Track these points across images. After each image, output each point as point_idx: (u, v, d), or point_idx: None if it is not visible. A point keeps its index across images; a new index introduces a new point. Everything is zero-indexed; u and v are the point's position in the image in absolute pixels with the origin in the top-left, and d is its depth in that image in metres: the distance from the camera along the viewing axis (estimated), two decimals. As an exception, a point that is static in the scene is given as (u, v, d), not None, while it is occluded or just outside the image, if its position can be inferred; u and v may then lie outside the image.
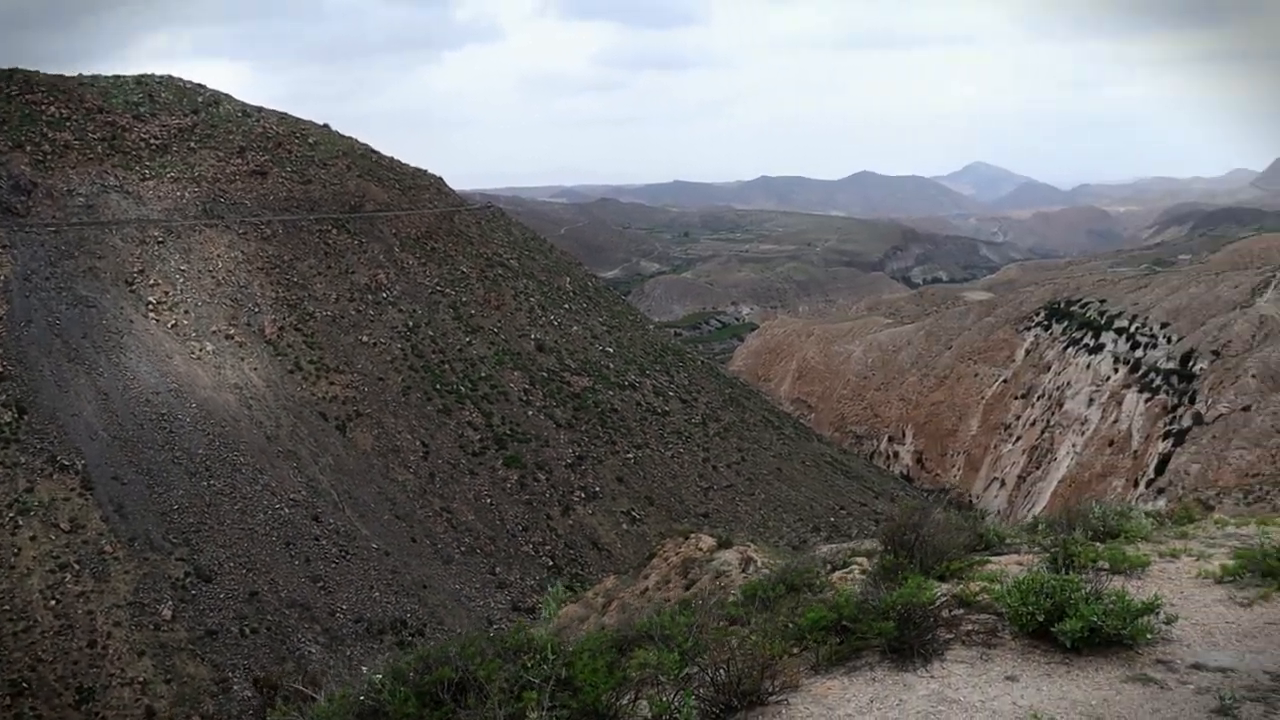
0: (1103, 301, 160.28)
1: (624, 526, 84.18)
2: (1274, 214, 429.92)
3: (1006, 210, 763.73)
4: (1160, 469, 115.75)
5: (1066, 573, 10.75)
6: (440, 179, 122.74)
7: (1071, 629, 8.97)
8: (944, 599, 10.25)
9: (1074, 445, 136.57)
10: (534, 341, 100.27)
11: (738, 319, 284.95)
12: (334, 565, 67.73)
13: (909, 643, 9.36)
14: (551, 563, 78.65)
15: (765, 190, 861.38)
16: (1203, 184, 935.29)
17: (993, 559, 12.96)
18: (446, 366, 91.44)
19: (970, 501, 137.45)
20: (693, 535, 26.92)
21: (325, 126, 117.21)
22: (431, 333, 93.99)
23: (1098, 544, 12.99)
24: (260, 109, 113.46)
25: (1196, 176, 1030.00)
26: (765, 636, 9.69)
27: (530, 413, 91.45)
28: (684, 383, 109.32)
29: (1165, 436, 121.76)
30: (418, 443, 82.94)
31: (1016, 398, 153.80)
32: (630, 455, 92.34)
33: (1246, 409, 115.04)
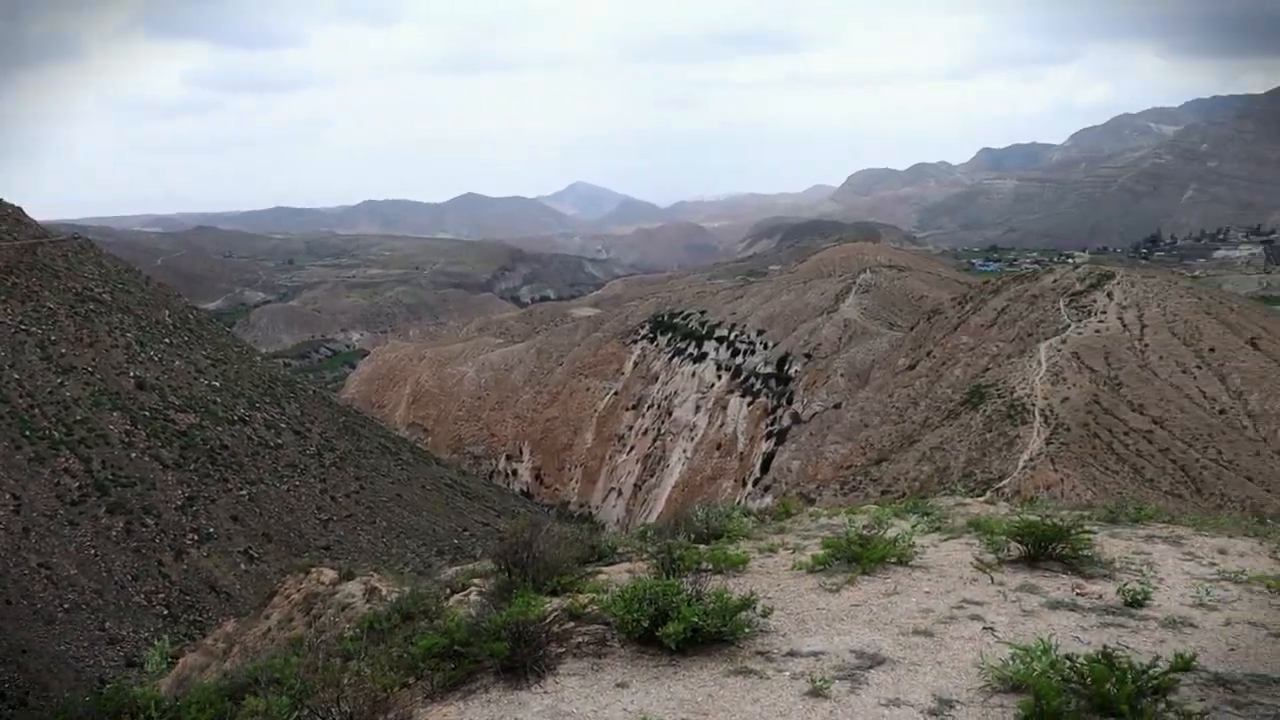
0: (703, 312, 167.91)
1: (242, 567, 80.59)
2: (852, 225, 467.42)
3: (609, 228, 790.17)
4: (765, 468, 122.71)
5: (672, 576, 11.11)
6: (19, 209, 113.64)
7: (675, 631, 9.27)
8: (555, 614, 10.35)
9: (685, 451, 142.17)
10: (133, 379, 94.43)
11: (348, 346, 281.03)
12: (-89, 639, 61.11)
13: (522, 661, 9.37)
14: (167, 611, 74.13)
15: (370, 214, 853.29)
16: (789, 199, 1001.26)
17: (605, 569, 13.21)
18: (36, 411, 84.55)
19: (590, 513, 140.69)
20: (314, 570, 26.04)
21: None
22: (17, 375, 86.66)
23: (701, 546, 13.50)
24: None
25: (783, 192, 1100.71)
26: (378, 669, 9.46)
27: (134, 455, 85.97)
28: (296, 414, 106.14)
29: (768, 437, 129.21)
30: (7, 495, 76.19)
31: (628, 409, 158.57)
32: (244, 492, 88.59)
33: (838, 406, 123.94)
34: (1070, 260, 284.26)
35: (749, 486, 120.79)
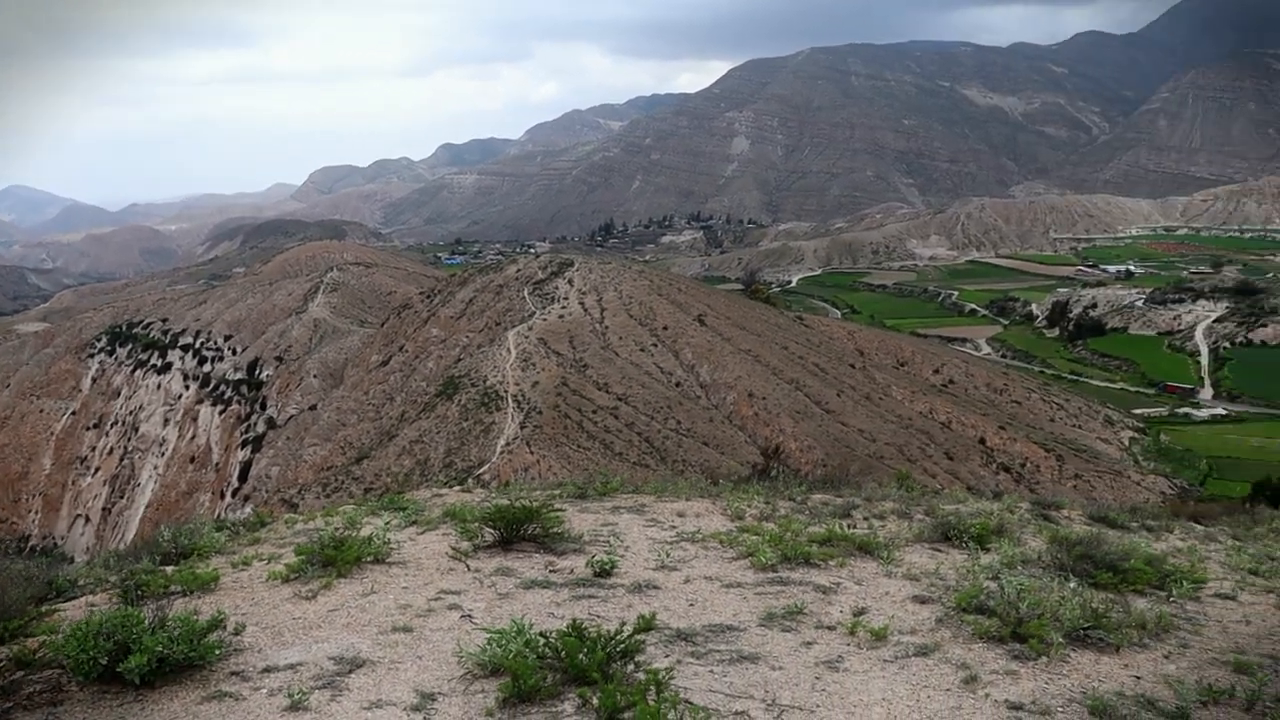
0: (165, 320, 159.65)
1: None
2: (316, 224, 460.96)
3: (54, 235, 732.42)
4: (244, 477, 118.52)
5: (135, 604, 10.37)
6: None
7: (137, 664, 8.62)
8: (2, 664, 9.33)
9: (156, 468, 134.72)
10: None
11: None
12: None
13: (-36, 723, 8.38)
14: None
15: None
16: (249, 199, 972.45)
17: (63, 607, 12.11)
18: None
19: (55, 545, 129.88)
20: None
21: None
22: None
23: (169, 568, 12.72)
24: None
25: (242, 192, 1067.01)
26: None
27: None
28: None
29: (244, 445, 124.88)
30: None
31: (89, 428, 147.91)
32: None
33: (314, 408, 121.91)
34: (532, 250, 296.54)
35: (228, 498, 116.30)
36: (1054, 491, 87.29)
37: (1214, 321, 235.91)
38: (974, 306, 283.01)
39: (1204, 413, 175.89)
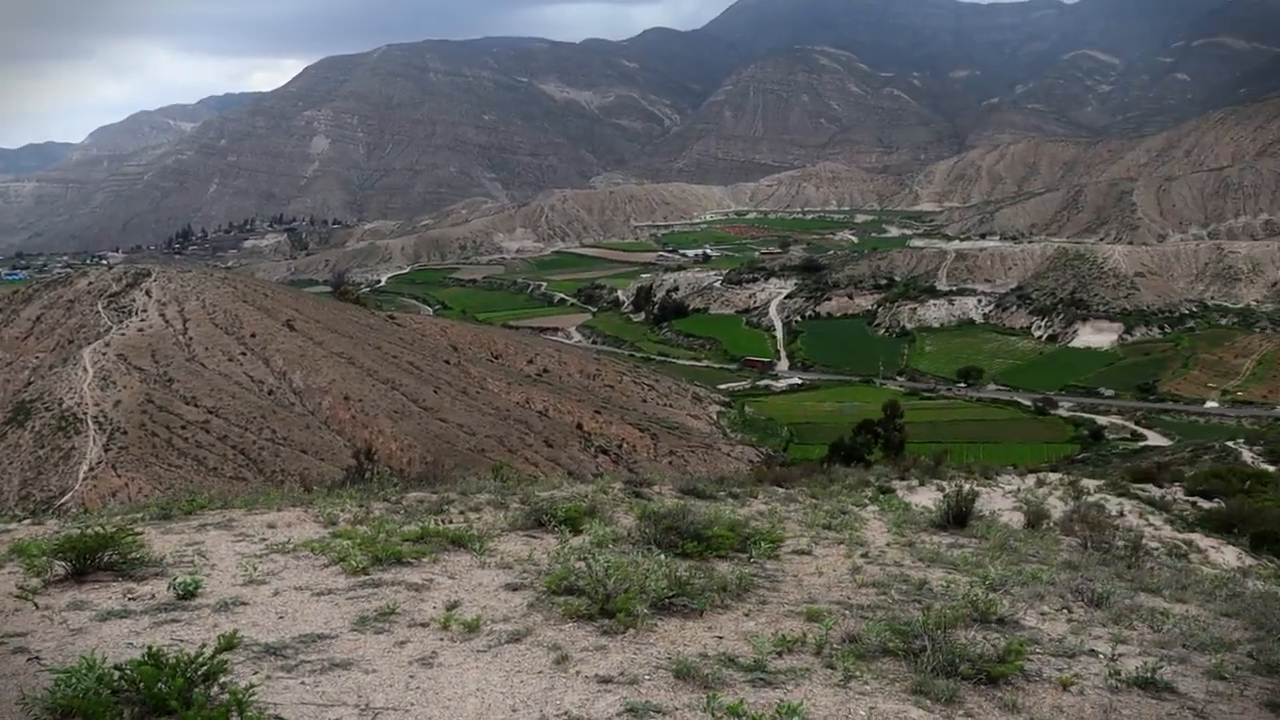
0: None
1: None
2: None
3: None
4: None
5: None
6: None
7: None
8: None
9: None
10: None
11: None
12: None
13: None
14: None
15: None
16: None
17: None
18: None
19: None
20: None
21: None
22: None
23: None
24: None
25: None
26: None
27: None
28: None
29: None
30: None
31: None
32: None
33: None
34: (105, 261, 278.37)
35: None
36: (650, 469, 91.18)
37: (785, 298, 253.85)
38: (563, 296, 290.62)
39: (782, 383, 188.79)
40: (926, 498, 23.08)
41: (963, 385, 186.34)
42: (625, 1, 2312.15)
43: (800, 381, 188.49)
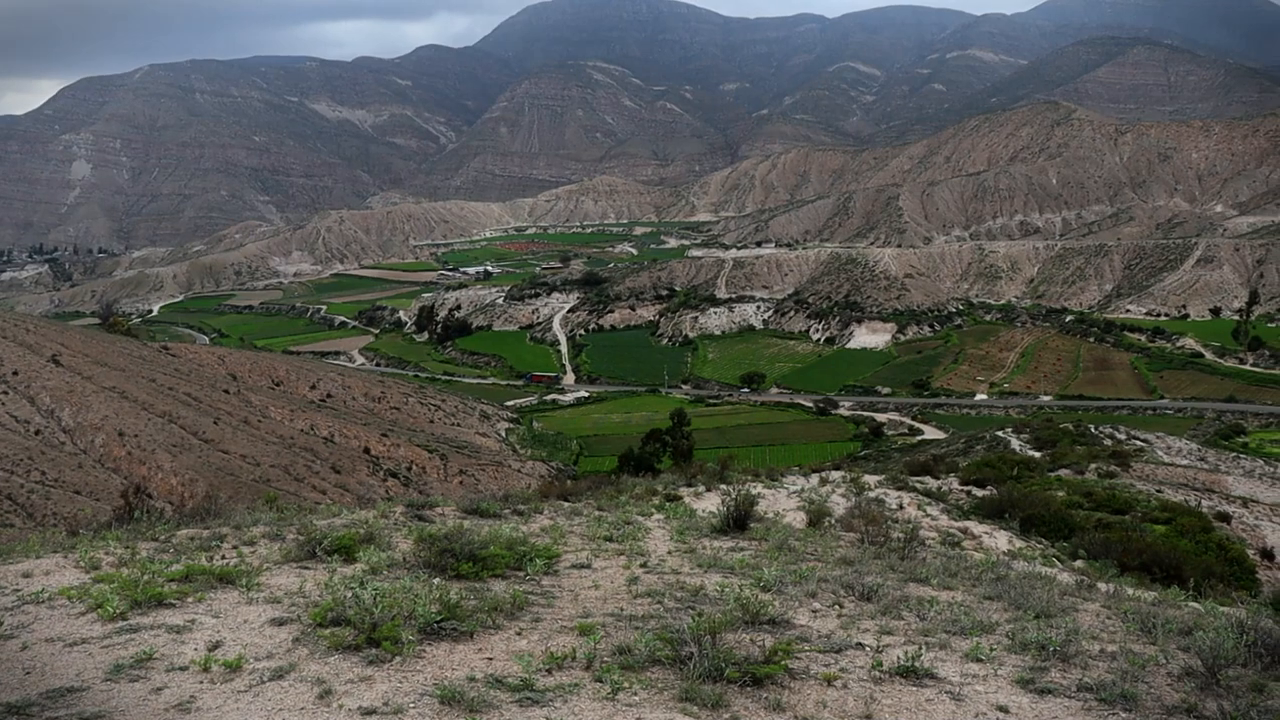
0: None
1: None
2: None
3: None
4: None
5: None
6: None
7: None
8: None
9: None
10: None
11: None
12: None
13: None
14: None
15: None
16: None
17: None
18: None
19: None
20: None
21: None
22: None
23: None
24: None
25: None
26: None
27: None
28: None
29: None
30: None
31: None
32: None
33: None
34: None
35: None
36: (441, 490, 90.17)
37: (569, 312, 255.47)
38: (344, 319, 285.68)
39: (570, 397, 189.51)
40: (712, 503, 23.45)
41: (746, 390, 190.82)
42: (396, 19, 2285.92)
43: (587, 394, 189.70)
